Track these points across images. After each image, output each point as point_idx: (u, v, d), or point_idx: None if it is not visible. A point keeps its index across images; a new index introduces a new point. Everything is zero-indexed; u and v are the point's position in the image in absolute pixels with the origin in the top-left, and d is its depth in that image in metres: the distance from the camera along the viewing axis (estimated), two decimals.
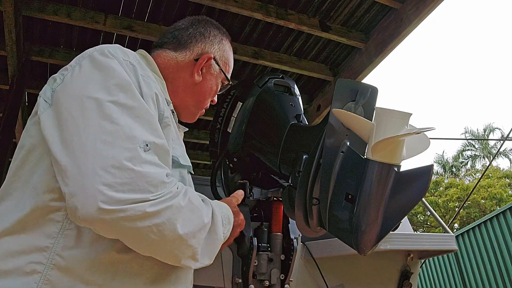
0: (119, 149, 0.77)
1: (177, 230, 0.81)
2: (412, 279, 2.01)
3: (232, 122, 1.60)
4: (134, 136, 0.79)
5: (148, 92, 0.91)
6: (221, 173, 1.68)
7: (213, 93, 1.27)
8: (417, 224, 19.71)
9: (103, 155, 0.76)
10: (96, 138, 0.77)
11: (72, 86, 0.87)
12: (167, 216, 0.80)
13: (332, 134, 1.08)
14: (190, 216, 0.85)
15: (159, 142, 0.84)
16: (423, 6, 2.49)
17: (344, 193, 1.05)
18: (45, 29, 2.76)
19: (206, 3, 2.51)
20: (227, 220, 1.03)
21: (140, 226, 0.77)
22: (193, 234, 0.85)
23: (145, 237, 0.79)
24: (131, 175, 0.75)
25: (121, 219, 0.75)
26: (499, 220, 7.37)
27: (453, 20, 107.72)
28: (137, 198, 0.75)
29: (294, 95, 1.59)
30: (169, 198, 0.80)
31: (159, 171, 0.80)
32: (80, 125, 0.80)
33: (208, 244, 0.91)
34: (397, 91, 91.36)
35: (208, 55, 1.21)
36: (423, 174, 0.95)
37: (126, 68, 0.91)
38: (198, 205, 0.89)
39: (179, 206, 0.82)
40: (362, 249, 1.03)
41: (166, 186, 0.81)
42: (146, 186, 0.77)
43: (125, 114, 0.82)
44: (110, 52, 0.92)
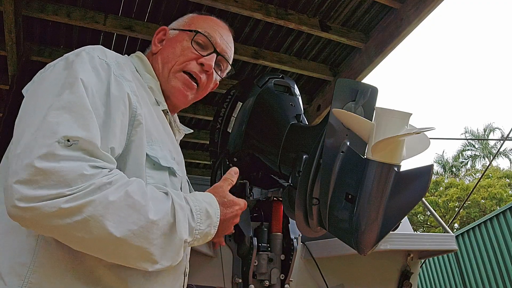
0: (38, 146, 0.75)
1: (107, 228, 0.74)
2: (412, 279, 2.01)
3: (232, 122, 1.60)
4: (55, 132, 0.77)
5: (117, 93, 0.90)
6: (221, 173, 1.68)
7: (181, 49, 1.17)
8: (417, 224, 19.71)
9: (25, 152, 0.75)
10: (25, 136, 0.78)
11: (37, 86, 0.91)
12: (90, 212, 0.73)
13: (332, 134, 1.08)
14: (127, 212, 0.77)
15: (87, 137, 0.78)
16: (423, 6, 2.49)
17: (344, 193, 1.05)
18: (45, 29, 2.76)
19: (206, 3, 2.51)
20: (203, 213, 0.91)
21: (61, 223, 0.73)
22: (134, 233, 0.77)
23: (74, 235, 0.75)
24: (42, 172, 0.73)
25: (38, 216, 0.73)
26: (499, 220, 7.38)
27: (453, 20, 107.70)
28: (50, 194, 0.72)
29: (294, 95, 1.59)
30: (90, 191, 0.74)
31: (77, 164, 0.75)
32: (21, 123, 0.83)
33: (166, 243, 0.82)
34: (397, 91, 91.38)
35: (161, 28, 1.24)
36: (423, 174, 0.95)
37: (98, 66, 0.92)
38: (142, 199, 0.80)
39: (106, 201, 0.75)
40: (362, 249, 1.03)
41: (86, 178, 0.75)
42: (61, 181, 0.73)
43: (59, 109, 0.81)
44: (86, 51, 0.94)
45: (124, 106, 0.90)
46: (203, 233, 0.90)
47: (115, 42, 2.93)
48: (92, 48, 0.97)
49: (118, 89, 0.91)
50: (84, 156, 0.77)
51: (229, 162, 1.62)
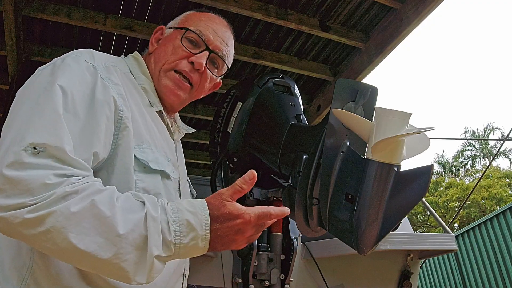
0: (7, 153, 0.75)
1: (69, 239, 0.70)
2: (412, 279, 2.01)
3: (232, 122, 1.60)
4: (22, 138, 0.76)
5: (101, 97, 0.89)
6: (221, 173, 1.68)
7: (173, 48, 1.14)
8: (417, 224, 19.70)
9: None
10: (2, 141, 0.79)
11: (21, 90, 0.91)
12: (51, 223, 0.70)
13: (332, 134, 1.08)
14: (92, 224, 0.72)
15: (54, 143, 0.76)
16: (423, 6, 2.49)
17: (344, 193, 1.05)
18: (45, 29, 2.76)
19: (206, 3, 2.51)
20: (185, 225, 0.78)
21: (28, 233, 0.72)
22: (100, 247, 0.71)
23: (43, 246, 0.73)
24: (8, 181, 0.72)
25: (8, 226, 0.72)
26: (499, 220, 7.38)
27: (453, 20, 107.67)
28: (14, 203, 0.71)
29: (294, 95, 1.59)
30: (51, 201, 0.71)
31: (41, 173, 0.72)
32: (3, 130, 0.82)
33: (140, 259, 0.74)
34: (397, 91, 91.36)
35: (159, 27, 1.24)
36: (423, 174, 0.95)
37: (84, 70, 0.91)
38: (109, 210, 0.73)
39: (67, 212, 0.71)
40: (362, 249, 1.03)
41: (48, 188, 0.72)
42: (23, 189, 0.71)
43: (29, 114, 0.81)
44: (72, 55, 0.94)
45: (109, 110, 0.89)
46: (187, 247, 0.78)
47: (115, 42, 2.93)
48: (80, 52, 0.97)
49: (103, 92, 0.90)
50: (51, 163, 0.74)
51: (229, 162, 1.62)
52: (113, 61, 1.04)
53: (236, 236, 0.83)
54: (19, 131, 0.78)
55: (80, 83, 0.89)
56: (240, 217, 0.82)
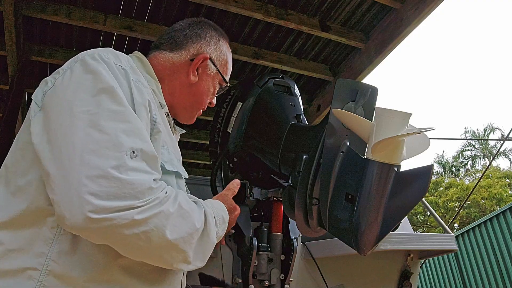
0: (105, 157, 0.77)
1: (166, 236, 0.81)
2: (412, 279, 2.01)
3: (232, 122, 1.60)
4: (120, 143, 0.79)
5: (140, 100, 0.91)
6: (221, 173, 1.68)
7: (211, 94, 1.27)
8: (417, 224, 19.71)
9: (89, 164, 0.76)
10: (83, 147, 0.77)
11: (62, 92, 0.87)
12: (155, 223, 0.79)
13: (332, 134, 1.08)
14: (181, 221, 0.85)
15: (147, 148, 0.83)
16: (423, 6, 2.49)
17: (344, 193, 1.05)
18: (45, 29, 2.76)
19: (206, 3, 2.51)
20: (221, 220, 1.02)
21: (128, 233, 0.76)
22: (183, 239, 0.85)
23: (134, 244, 0.79)
24: (117, 183, 0.75)
25: (109, 227, 0.75)
26: (499, 220, 7.38)
27: (453, 20, 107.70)
28: (123, 205, 0.75)
29: (294, 95, 1.59)
30: (157, 204, 0.80)
31: (145, 177, 0.80)
32: (68, 133, 0.80)
33: (200, 246, 0.91)
34: (397, 91, 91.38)
35: (204, 55, 1.20)
36: (423, 174, 0.96)
37: (118, 73, 0.91)
38: (189, 209, 0.89)
39: (168, 212, 0.82)
40: (362, 249, 1.03)
41: (153, 192, 0.80)
42: (132, 193, 0.76)
43: (112, 120, 0.81)
44: (101, 56, 0.92)
45: (146, 114, 0.92)
46: (220, 237, 1.02)
47: (115, 42, 2.93)
48: (106, 52, 0.94)
49: (140, 95, 0.92)
50: (147, 168, 0.82)
51: (229, 162, 1.62)
52: (132, 61, 1.03)
53: (233, 223, 1.18)
54: (111, 135, 0.79)
55: (121, 86, 0.88)
56: (237, 209, 1.20)
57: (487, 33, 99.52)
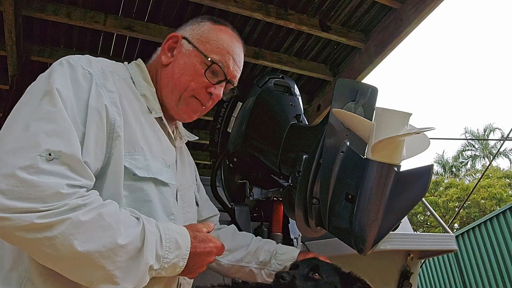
0: (18, 157, 0.76)
1: (73, 246, 0.75)
2: (412, 279, 2.01)
3: (232, 122, 1.60)
4: (37, 143, 0.77)
5: (94, 104, 0.89)
6: (221, 173, 1.68)
7: (193, 74, 1.12)
8: (417, 224, 19.70)
9: (4, 161, 0.75)
10: (5, 144, 0.78)
11: (25, 93, 0.90)
12: (60, 230, 0.74)
13: (332, 134, 1.08)
14: (97, 233, 0.78)
15: (68, 151, 0.79)
16: (423, 6, 2.49)
17: (344, 193, 1.05)
18: (45, 29, 2.76)
19: (206, 3, 2.51)
20: (174, 243, 0.90)
21: (30, 237, 0.73)
22: (100, 254, 0.77)
23: (39, 250, 0.76)
24: (22, 184, 0.73)
25: (12, 228, 0.73)
26: (499, 220, 7.38)
27: (453, 20, 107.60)
28: (25, 207, 0.73)
29: (294, 95, 1.59)
30: (64, 211, 0.75)
31: (56, 181, 0.76)
32: (3, 130, 0.82)
33: (131, 267, 0.82)
34: (397, 91, 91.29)
35: (172, 34, 1.16)
36: (423, 174, 0.96)
37: (80, 76, 0.91)
38: (114, 222, 0.81)
39: (77, 220, 0.76)
40: (362, 249, 1.03)
41: (62, 197, 0.75)
42: (37, 195, 0.73)
43: (39, 120, 0.81)
44: (69, 61, 0.93)
45: (99, 119, 0.89)
46: (171, 263, 0.89)
47: (115, 42, 2.93)
48: (78, 58, 0.96)
49: (96, 100, 0.90)
50: (64, 172, 0.78)
51: (229, 162, 1.62)
52: (112, 66, 1.02)
53: (207, 258, 0.99)
54: (30, 135, 0.78)
55: (75, 89, 0.88)
56: (211, 241, 1.00)
57: (487, 33, 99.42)
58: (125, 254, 0.81)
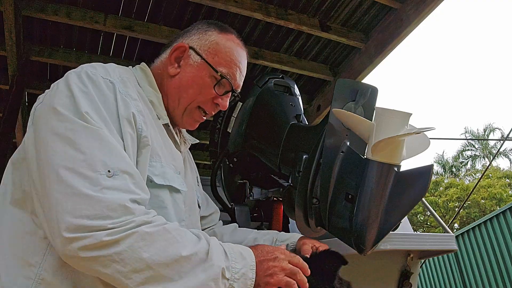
0: (79, 176, 0.76)
1: (143, 258, 0.76)
2: (412, 279, 2.00)
3: (232, 122, 1.60)
4: (96, 162, 0.78)
5: (124, 113, 0.90)
6: (221, 173, 1.68)
7: (201, 88, 1.12)
8: (417, 224, 19.70)
9: (65, 182, 0.76)
10: (59, 165, 0.78)
11: (46, 108, 0.88)
12: (129, 244, 0.76)
13: (332, 134, 1.08)
14: (162, 245, 0.79)
15: (125, 167, 0.81)
16: (423, 6, 2.49)
17: (344, 193, 1.05)
18: (45, 29, 2.76)
19: (206, 3, 2.51)
20: (238, 255, 0.90)
21: (99, 255, 0.74)
22: (168, 265, 0.78)
23: (108, 267, 0.76)
24: (88, 201, 0.74)
25: (81, 248, 0.74)
26: (499, 220, 7.38)
27: (453, 20, 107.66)
28: (93, 225, 0.74)
29: (294, 95, 1.59)
30: (131, 227, 0.77)
31: (120, 196, 0.78)
32: (49, 151, 0.80)
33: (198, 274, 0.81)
34: (397, 91, 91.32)
35: (180, 44, 1.13)
36: (423, 174, 0.96)
37: (104, 86, 0.91)
38: (178, 235, 0.82)
39: (144, 233, 0.77)
40: (362, 249, 1.03)
41: (127, 211, 0.77)
42: (103, 212, 0.75)
43: (89, 138, 0.81)
44: (87, 73, 0.92)
45: (131, 128, 0.90)
46: (240, 273, 0.87)
47: (115, 42, 2.93)
48: (92, 67, 0.95)
49: (124, 109, 0.91)
50: (126, 186, 0.80)
51: (229, 162, 1.62)
52: (125, 72, 1.03)
53: (274, 263, 0.93)
54: (85, 155, 0.78)
55: (105, 102, 0.89)
56: (277, 249, 0.96)
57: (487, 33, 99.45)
58: (190, 264, 0.81)
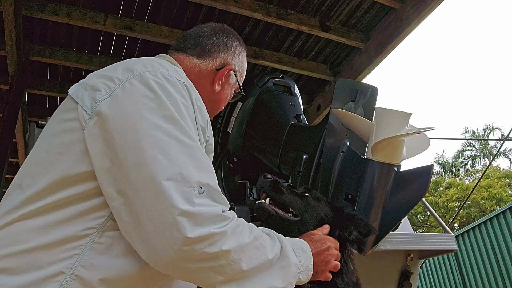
0: (174, 190, 0.77)
1: (242, 268, 0.83)
2: (412, 279, 2.01)
3: (232, 122, 1.60)
4: (189, 177, 0.79)
5: (202, 123, 0.93)
6: (221, 173, 1.68)
7: (227, 102, 1.27)
8: (417, 224, 19.70)
9: (168, 197, 0.76)
10: (159, 179, 0.77)
11: (125, 110, 0.83)
12: (233, 257, 0.81)
13: (332, 134, 1.08)
14: (255, 253, 0.86)
15: (213, 184, 0.84)
16: (423, 6, 2.49)
17: (344, 193, 1.05)
18: (45, 29, 2.76)
19: (206, 3, 2.51)
20: (300, 249, 0.99)
21: (202, 266, 0.79)
22: (259, 269, 0.86)
23: (209, 277, 0.81)
24: (188, 214, 0.76)
25: (184, 259, 0.77)
26: (499, 220, 7.38)
27: (453, 20, 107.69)
28: (196, 235, 0.76)
29: (294, 95, 1.60)
30: (228, 235, 0.81)
31: (211, 209, 0.81)
32: (141, 164, 0.78)
33: (278, 270, 0.91)
34: (397, 91, 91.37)
35: (230, 67, 1.21)
36: (423, 174, 0.96)
37: (182, 91, 0.91)
38: (264, 242, 0.90)
39: (243, 244, 0.84)
40: (362, 249, 1.04)
41: (222, 219, 0.82)
42: (200, 223, 0.78)
43: (181, 152, 0.81)
44: (164, 75, 0.90)
45: (204, 137, 0.94)
46: (304, 266, 0.96)
47: (115, 42, 2.93)
48: (164, 68, 0.93)
49: (201, 117, 0.93)
50: (212, 203, 0.82)
51: (229, 162, 1.62)
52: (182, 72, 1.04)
53: (327, 252, 1.04)
54: (179, 167, 0.79)
55: (187, 109, 0.89)
56: (328, 239, 1.06)
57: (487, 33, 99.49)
58: (272, 264, 0.89)
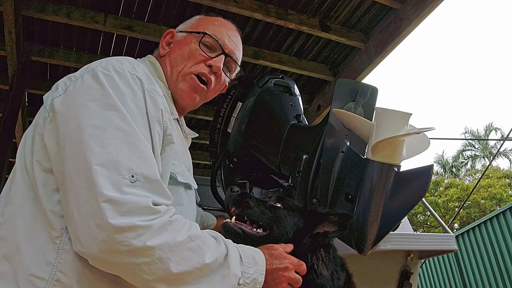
0: (103, 176, 0.76)
1: (170, 269, 0.78)
2: (412, 279, 2.00)
3: (232, 122, 1.60)
4: (119, 165, 0.78)
5: (154, 113, 0.90)
6: (221, 173, 1.68)
7: (189, 53, 1.16)
8: (417, 224, 19.70)
9: (96, 183, 0.75)
10: (89, 165, 0.77)
11: (71, 103, 0.86)
12: (158, 256, 0.77)
13: (332, 134, 1.08)
14: (187, 254, 0.82)
15: (149, 174, 0.81)
16: (423, 6, 2.49)
17: (344, 193, 1.05)
18: (45, 29, 2.76)
19: (206, 3, 2.51)
20: (251, 259, 0.93)
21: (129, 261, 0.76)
22: (191, 274, 0.81)
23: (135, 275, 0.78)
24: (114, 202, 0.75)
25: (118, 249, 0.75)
26: (499, 220, 7.38)
27: (453, 20, 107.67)
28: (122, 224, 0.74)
29: (294, 95, 1.59)
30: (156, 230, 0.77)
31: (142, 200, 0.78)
32: (76, 151, 0.80)
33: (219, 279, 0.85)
34: (397, 91, 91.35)
35: (169, 30, 1.22)
36: (423, 174, 0.96)
37: (132, 83, 0.90)
38: (201, 244, 0.85)
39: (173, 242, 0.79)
40: (362, 249, 1.04)
41: (152, 211, 0.78)
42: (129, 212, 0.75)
43: (117, 139, 0.80)
44: (115, 68, 0.90)
45: (159, 126, 0.90)
46: (251, 278, 0.91)
47: (115, 42, 2.93)
48: (118, 62, 0.93)
49: (153, 107, 0.91)
50: (147, 193, 0.80)
51: (229, 162, 1.62)
52: (146, 70, 1.03)
53: (284, 273, 0.97)
54: (111, 155, 0.78)
55: (134, 100, 0.88)
56: (287, 258, 0.98)
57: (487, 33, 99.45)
58: (210, 270, 0.84)
